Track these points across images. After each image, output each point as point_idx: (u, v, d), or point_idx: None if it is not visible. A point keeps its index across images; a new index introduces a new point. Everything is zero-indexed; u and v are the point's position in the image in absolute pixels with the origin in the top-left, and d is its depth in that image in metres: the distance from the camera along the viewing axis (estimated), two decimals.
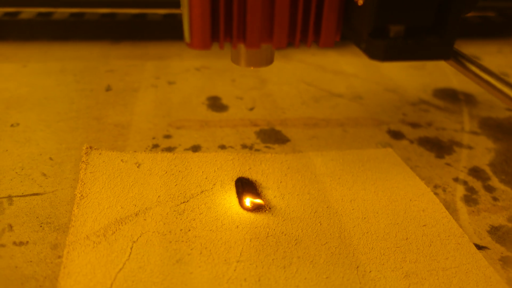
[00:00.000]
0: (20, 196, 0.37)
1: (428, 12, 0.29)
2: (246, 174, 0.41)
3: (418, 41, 0.29)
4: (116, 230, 0.33)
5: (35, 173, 0.40)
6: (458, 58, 0.33)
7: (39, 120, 0.48)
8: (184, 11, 0.28)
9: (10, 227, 0.34)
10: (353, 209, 0.37)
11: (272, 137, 0.47)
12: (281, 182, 0.40)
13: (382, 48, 0.28)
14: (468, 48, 0.75)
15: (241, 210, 0.37)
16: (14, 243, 0.33)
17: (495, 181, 0.43)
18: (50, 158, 0.42)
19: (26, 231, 0.34)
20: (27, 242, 0.33)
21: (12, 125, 0.46)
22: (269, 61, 0.35)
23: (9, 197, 0.37)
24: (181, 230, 0.34)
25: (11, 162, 0.41)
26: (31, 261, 0.31)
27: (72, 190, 0.38)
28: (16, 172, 0.40)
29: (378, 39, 0.28)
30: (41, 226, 0.34)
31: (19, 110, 0.49)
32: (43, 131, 0.46)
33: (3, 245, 0.32)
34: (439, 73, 0.65)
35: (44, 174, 0.40)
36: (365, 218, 0.37)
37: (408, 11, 0.28)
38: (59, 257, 0.32)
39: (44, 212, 0.35)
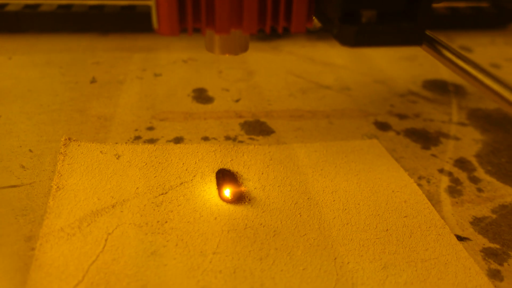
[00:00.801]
0: None
1: None
2: (228, 166, 0.40)
3: (390, 26, 0.28)
4: (92, 222, 0.33)
5: (14, 165, 0.39)
6: (432, 44, 0.32)
7: (21, 112, 0.47)
8: None
9: None
10: (334, 201, 0.37)
11: (257, 128, 0.47)
12: (262, 173, 0.39)
13: (353, 33, 0.28)
14: (460, 39, 0.74)
15: (220, 202, 0.36)
16: None
17: (480, 172, 0.43)
18: (30, 150, 0.41)
19: (1, 224, 0.33)
20: (1, 234, 0.32)
21: None
22: (244, 48, 0.34)
23: None
24: (158, 222, 0.34)
25: None
26: (3, 254, 0.31)
27: (50, 182, 0.37)
28: None
29: (349, 25, 0.28)
30: (16, 218, 0.34)
31: (1, 102, 0.49)
32: (24, 123, 0.45)
33: None
34: (430, 64, 0.65)
35: (23, 166, 0.39)
36: (345, 209, 0.36)
37: None
38: (32, 249, 0.31)
39: (20, 204, 0.35)
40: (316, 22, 0.31)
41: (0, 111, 0.47)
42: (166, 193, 0.36)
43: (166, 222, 0.34)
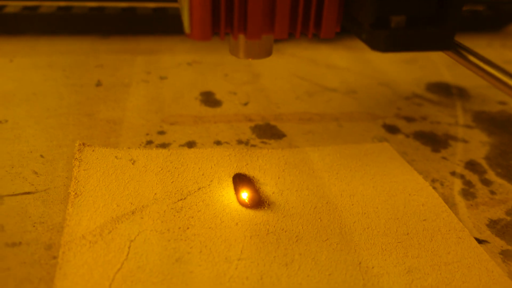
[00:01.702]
0: (11, 195, 0.36)
1: (429, 2, 0.28)
2: (243, 170, 0.40)
3: (419, 31, 0.29)
4: (113, 229, 0.33)
5: (26, 171, 0.38)
6: (457, 49, 0.32)
7: (28, 116, 0.46)
8: (184, 0, 0.27)
9: (2, 227, 0.33)
10: (352, 205, 0.37)
11: (268, 132, 0.47)
12: (279, 178, 0.39)
13: (383, 38, 0.28)
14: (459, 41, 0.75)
15: (239, 207, 0.36)
16: (6, 244, 0.32)
17: (491, 175, 0.43)
18: (41, 156, 0.40)
19: (19, 232, 0.33)
20: (20, 243, 0.32)
21: (0, 122, 0.45)
22: (268, 53, 0.34)
23: (0, 197, 0.36)
24: (179, 228, 0.33)
25: (0, 160, 0.40)
26: (24, 263, 0.30)
27: (65, 189, 0.37)
28: (6, 171, 0.38)
29: (379, 30, 0.28)
30: (34, 226, 0.33)
31: (7, 106, 0.48)
32: (33, 127, 0.44)
33: None
34: (431, 67, 0.65)
35: (36, 172, 0.38)
36: (365, 213, 0.36)
37: (410, 1, 0.28)
38: (54, 257, 0.31)
39: (37, 212, 0.34)
40: None
41: (7, 115, 0.46)
42: (184, 198, 0.36)
43: (187, 228, 0.33)
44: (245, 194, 0.36)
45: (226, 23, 0.28)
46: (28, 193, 0.36)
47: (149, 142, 0.43)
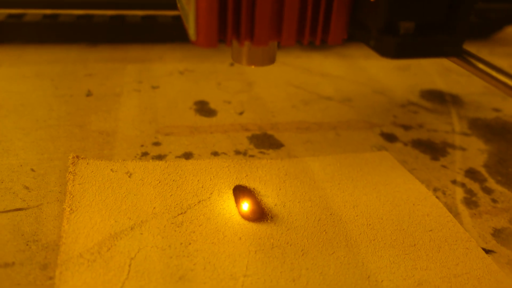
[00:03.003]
0: (2, 212, 0.34)
1: (439, 8, 0.28)
2: (243, 182, 0.39)
3: (429, 38, 0.28)
4: (112, 246, 0.31)
5: (17, 186, 0.37)
6: (464, 56, 0.32)
7: (16, 128, 0.44)
8: (189, 6, 0.26)
9: None
10: (357, 216, 0.36)
11: (265, 142, 0.46)
12: (280, 189, 0.38)
13: (393, 45, 0.27)
14: None
15: (242, 220, 0.35)
16: None
17: (492, 183, 0.43)
18: (32, 170, 0.39)
19: (11, 251, 0.31)
20: (13, 263, 0.30)
21: None
22: (272, 60, 0.33)
23: None
24: (181, 244, 0.32)
25: None
26: (19, 284, 0.29)
27: (59, 204, 0.35)
28: None
29: (389, 36, 0.27)
30: (27, 245, 0.31)
31: None
32: (22, 140, 0.43)
33: None
34: (424, 75, 0.65)
35: (27, 187, 0.37)
36: (370, 224, 0.35)
37: (420, 7, 0.27)
38: (50, 278, 0.29)
39: (30, 229, 0.33)
40: None
41: None
42: (185, 212, 0.35)
43: (189, 243, 0.32)
44: (247, 207, 0.35)
45: (232, 29, 0.27)
46: (20, 209, 0.34)
47: (145, 154, 0.42)
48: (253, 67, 0.33)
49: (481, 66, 0.30)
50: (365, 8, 0.28)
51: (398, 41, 0.27)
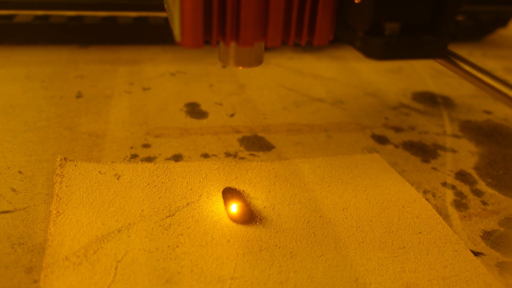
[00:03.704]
0: None
1: (424, 9, 0.28)
2: (233, 184, 0.39)
3: (414, 39, 0.28)
4: (98, 249, 0.31)
5: (3, 189, 0.36)
6: (450, 58, 0.32)
7: (4, 130, 0.44)
8: (174, 6, 0.26)
9: None
10: (346, 218, 0.36)
11: (256, 144, 0.46)
12: (269, 191, 0.38)
13: (379, 46, 0.27)
14: None
15: (230, 223, 0.35)
16: None
17: (482, 185, 0.43)
18: (19, 172, 0.38)
19: None
20: None
21: None
22: (259, 61, 0.33)
23: None
24: (168, 246, 0.32)
25: None
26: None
27: (46, 206, 0.35)
28: None
29: (375, 37, 0.27)
30: (13, 248, 0.31)
31: None
32: (10, 142, 0.42)
33: None
34: (416, 77, 0.66)
35: (14, 190, 0.36)
36: (359, 227, 0.35)
37: (405, 8, 0.27)
38: (35, 281, 0.29)
39: (16, 232, 0.32)
40: None
41: None
42: (173, 215, 0.35)
43: (177, 246, 0.32)
44: (236, 209, 0.35)
45: (218, 30, 0.27)
46: (6, 212, 0.34)
47: (134, 156, 0.42)
48: (240, 68, 0.33)
49: (467, 68, 0.30)
50: (351, 9, 0.27)
51: (383, 42, 0.27)
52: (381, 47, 0.27)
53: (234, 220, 0.35)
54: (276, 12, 0.27)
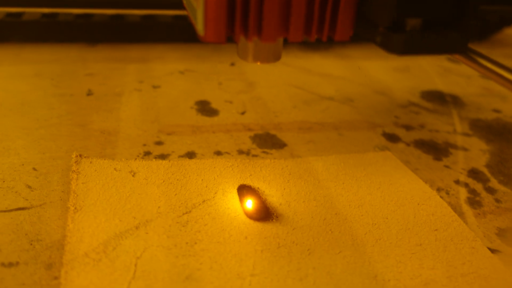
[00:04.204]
0: (4, 211, 0.34)
1: (447, 4, 0.28)
2: (247, 181, 0.39)
3: (436, 35, 0.28)
4: (117, 245, 0.31)
5: (19, 185, 0.36)
6: (469, 54, 0.32)
7: (17, 127, 0.44)
8: (198, 2, 0.26)
9: None
10: (362, 215, 0.36)
11: (268, 141, 0.46)
12: (284, 189, 0.38)
13: (402, 41, 0.27)
14: None
15: (247, 220, 0.35)
16: (3, 264, 0.29)
17: (494, 183, 0.43)
18: (34, 169, 0.38)
19: (15, 250, 0.30)
20: (17, 262, 0.30)
21: None
22: (277, 57, 0.33)
23: None
24: (186, 243, 0.32)
25: None
26: (24, 284, 0.28)
27: (62, 203, 0.35)
28: None
29: (397, 33, 0.27)
30: (31, 244, 0.31)
31: None
32: (23, 139, 0.42)
33: None
34: (423, 75, 0.66)
35: (29, 187, 0.36)
36: (375, 224, 0.35)
37: (428, 4, 0.27)
38: (56, 278, 0.29)
39: (33, 229, 0.32)
40: None
41: None
42: (189, 211, 0.35)
43: (195, 243, 0.32)
44: (252, 206, 0.35)
45: (241, 25, 0.27)
46: (23, 208, 0.34)
47: (147, 153, 0.42)
48: (259, 63, 0.33)
49: (486, 63, 0.30)
50: (373, 5, 0.28)
51: (406, 37, 0.27)
52: (403, 43, 0.27)
53: (250, 217, 0.35)
54: (298, 7, 0.27)
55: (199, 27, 0.27)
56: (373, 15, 0.27)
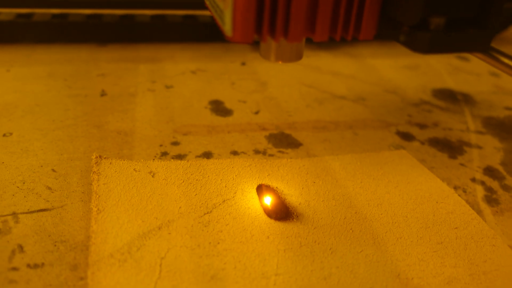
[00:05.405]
0: (26, 212, 0.34)
1: (472, 3, 0.28)
2: (266, 181, 0.39)
3: (461, 33, 0.28)
4: (141, 246, 0.31)
5: (39, 187, 0.36)
6: (489, 52, 0.32)
7: (33, 128, 0.44)
8: (226, 3, 0.26)
9: (21, 248, 0.31)
10: (381, 214, 0.36)
11: (284, 141, 0.46)
12: (303, 188, 0.38)
13: (428, 40, 0.27)
14: None
15: (268, 219, 0.35)
16: (28, 265, 0.30)
17: (510, 180, 0.43)
18: (53, 170, 0.38)
19: (40, 252, 0.31)
20: (43, 264, 0.30)
21: (4, 135, 0.43)
22: (299, 56, 0.33)
23: (14, 214, 0.34)
24: (209, 243, 0.32)
25: (10, 176, 0.37)
26: (50, 285, 0.28)
27: (83, 204, 0.35)
28: (18, 187, 0.36)
29: (422, 32, 0.27)
30: (55, 245, 0.31)
31: (9, 118, 0.45)
32: (40, 140, 0.42)
33: (16, 269, 0.29)
34: (434, 74, 0.66)
35: (49, 188, 0.36)
36: (395, 222, 0.36)
37: (454, 3, 0.27)
38: (81, 279, 0.29)
39: (56, 230, 0.32)
40: None
41: (11, 127, 0.44)
42: (210, 212, 0.35)
43: (218, 243, 0.32)
44: (273, 206, 0.35)
45: (268, 25, 0.27)
46: (44, 210, 0.34)
47: (164, 154, 0.42)
48: (280, 63, 0.33)
49: (509, 62, 0.30)
50: (397, 4, 0.28)
51: (431, 36, 0.27)
52: (429, 42, 0.27)
53: (271, 216, 0.35)
54: (325, 8, 0.27)
55: (227, 27, 0.27)
56: (398, 14, 0.27)
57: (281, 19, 0.27)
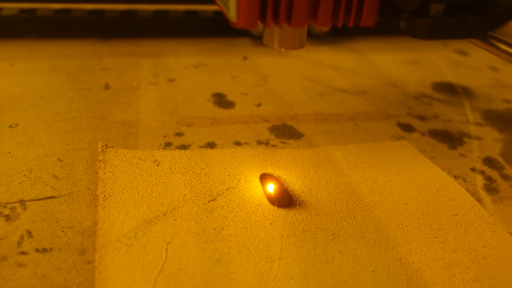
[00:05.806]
0: (34, 200, 0.34)
1: None
2: (269, 170, 0.39)
3: (460, 20, 0.29)
4: (147, 231, 0.31)
5: (46, 176, 0.37)
6: (487, 39, 0.33)
7: (38, 120, 0.45)
8: None
9: (29, 233, 0.31)
10: (382, 202, 0.37)
11: (286, 132, 0.46)
12: (305, 177, 0.39)
13: (427, 26, 0.28)
14: (456, 43, 0.76)
15: (271, 207, 0.35)
16: (37, 250, 0.30)
17: (509, 170, 0.44)
18: (59, 159, 0.39)
19: (48, 237, 0.31)
20: (51, 248, 0.30)
21: (10, 126, 0.43)
22: (301, 44, 0.34)
23: (22, 202, 0.34)
24: (214, 229, 0.32)
25: (17, 165, 0.38)
26: (59, 269, 0.29)
27: (90, 192, 0.35)
28: (25, 175, 0.37)
29: (422, 18, 0.28)
30: (63, 231, 0.32)
31: (15, 110, 0.46)
32: (45, 131, 0.43)
33: (25, 253, 0.30)
34: (434, 68, 0.66)
35: (56, 176, 0.37)
36: (396, 210, 0.36)
37: None
38: (89, 262, 0.29)
39: (64, 216, 0.33)
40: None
41: (16, 119, 0.44)
42: (215, 199, 0.35)
43: (222, 229, 0.33)
44: (276, 194, 0.36)
45: (272, 11, 0.28)
46: (51, 197, 0.35)
47: (168, 144, 0.42)
48: (283, 50, 0.34)
49: (506, 48, 0.31)
50: None
51: (430, 22, 0.27)
52: (428, 27, 0.27)
53: (274, 204, 0.35)
54: None
55: (232, 13, 0.27)
56: (398, 0, 0.28)
57: (285, 5, 0.27)
